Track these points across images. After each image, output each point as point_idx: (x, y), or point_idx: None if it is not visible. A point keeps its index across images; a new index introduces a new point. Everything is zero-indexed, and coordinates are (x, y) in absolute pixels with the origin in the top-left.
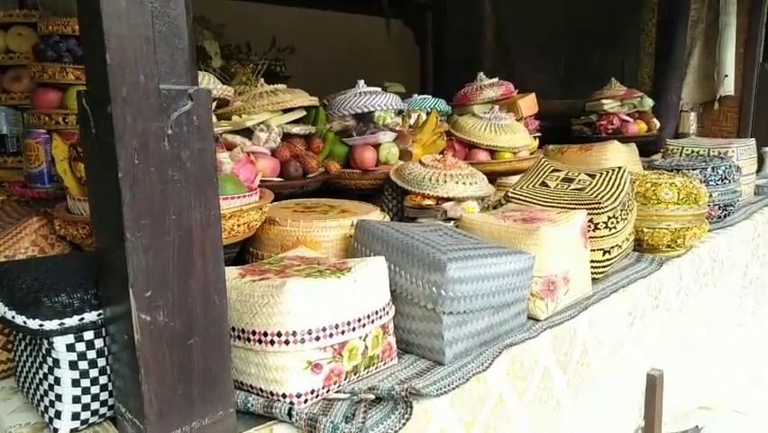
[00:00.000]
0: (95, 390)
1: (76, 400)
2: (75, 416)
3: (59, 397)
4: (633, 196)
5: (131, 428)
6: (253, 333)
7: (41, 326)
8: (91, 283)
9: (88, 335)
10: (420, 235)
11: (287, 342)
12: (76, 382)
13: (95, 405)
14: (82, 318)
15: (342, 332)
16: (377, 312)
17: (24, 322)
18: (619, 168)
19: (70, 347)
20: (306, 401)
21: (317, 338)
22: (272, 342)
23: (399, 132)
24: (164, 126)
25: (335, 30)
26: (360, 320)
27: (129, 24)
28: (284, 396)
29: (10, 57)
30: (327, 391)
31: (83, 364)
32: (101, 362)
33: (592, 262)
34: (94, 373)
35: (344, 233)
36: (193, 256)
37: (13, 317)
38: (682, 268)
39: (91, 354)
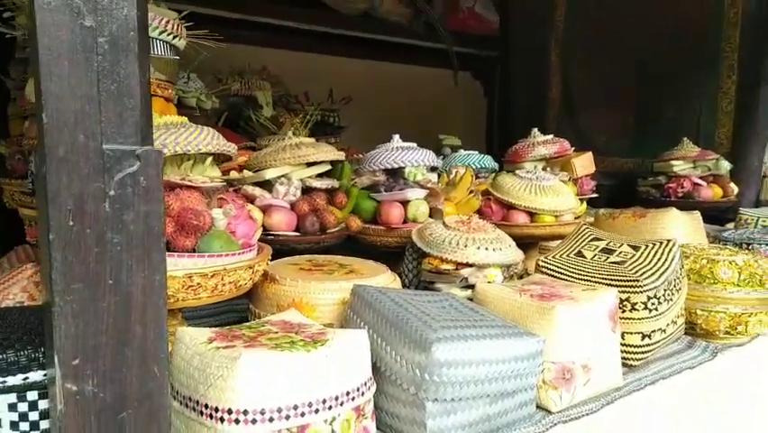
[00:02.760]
0: None
1: None
2: None
3: None
4: (682, 273)
5: None
6: (206, 406)
7: None
8: (43, 340)
9: (32, 395)
10: (417, 307)
11: (236, 421)
12: None
13: None
14: (26, 378)
15: (302, 414)
16: (348, 393)
17: None
18: (668, 240)
19: (12, 407)
20: None
21: (271, 419)
22: (222, 419)
23: (430, 189)
24: (106, 188)
25: (400, 82)
26: (325, 401)
27: (70, 84)
28: None
29: None
30: None
31: (24, 426)
32: (44, 424)
33: (629, 347)
34: None
35: (343, 297)
36: (131, 324)
37: None
38: (743, 359)
39: (33, 416)
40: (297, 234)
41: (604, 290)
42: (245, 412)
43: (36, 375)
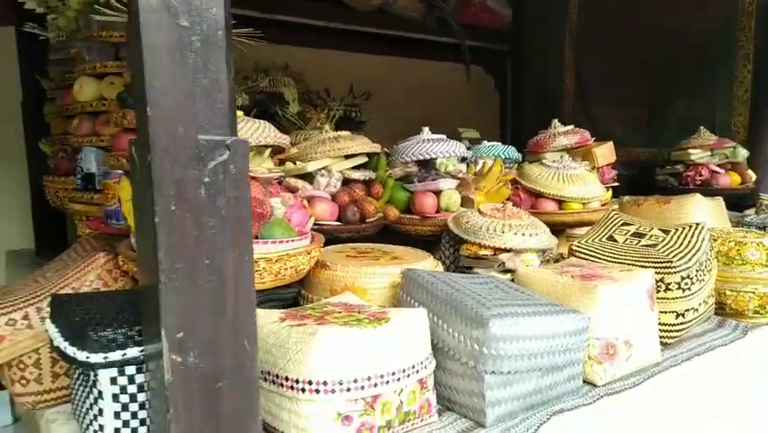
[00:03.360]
0: (134, 423)
1: (116, 432)
2: None
3: (101, 427)
4: (712, 255)
5: None
6: (286, 379)
7: (87, 358)
8: (135, 320)
9: (130, 369)
10: (467, 288)
11: (317, 391)
12: (117, 415)
13: None
14: (125, 354)
15: (375, 384)
16: (414, 366)
17: (74, 354)
18: (697, 224)
19: (113, 381)
20: None
21: (348, 389)
22: (303, 390)
23: (461, 179)
24: (201, 175)
25: (415, 76)
26: (394, 373)
27: (171, 80)
28: None
29: (102, 103)
30: None
31: (124, 398)
32: (141, 397)
33: (663, 325)
34: (134, 407)
35: (392, 280)
36: (225, 300)
37: (65, 348)
38: None
39: (132, 389)
40: (339, 223)
41: (641, 270)
42: (324, 383)
43: (133, 351)
